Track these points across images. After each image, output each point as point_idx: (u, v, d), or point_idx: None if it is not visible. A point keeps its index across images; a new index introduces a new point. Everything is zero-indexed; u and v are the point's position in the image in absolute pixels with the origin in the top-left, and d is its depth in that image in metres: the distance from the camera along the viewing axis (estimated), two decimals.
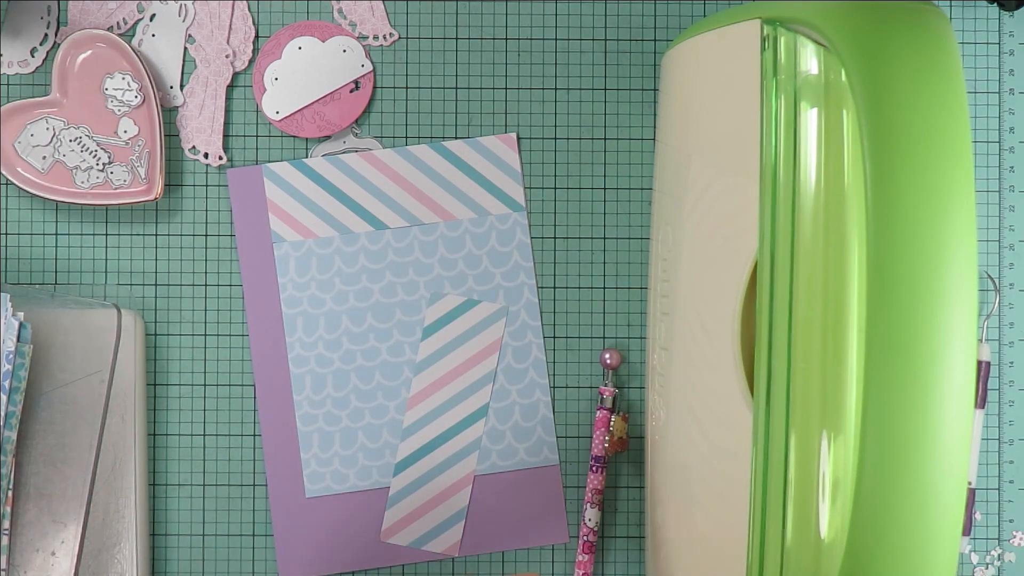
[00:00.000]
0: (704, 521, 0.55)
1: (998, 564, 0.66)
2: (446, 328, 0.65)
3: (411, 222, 0.65)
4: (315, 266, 0.65)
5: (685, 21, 0.66)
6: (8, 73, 0.66)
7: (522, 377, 0.65)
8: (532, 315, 0.65)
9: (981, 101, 0.66)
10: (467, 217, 0.65)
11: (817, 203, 0.49)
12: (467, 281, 0.65)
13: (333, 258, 0.65)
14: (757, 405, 0.51)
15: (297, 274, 0.65)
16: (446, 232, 0.65)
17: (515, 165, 0.66)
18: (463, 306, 0.64)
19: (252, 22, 0.66)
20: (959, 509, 0.47)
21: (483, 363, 0.65)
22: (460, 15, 0.66)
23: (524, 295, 0.65)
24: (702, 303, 0.56)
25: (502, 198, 0.65)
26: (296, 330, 0.65)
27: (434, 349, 0.65)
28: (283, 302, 0.65)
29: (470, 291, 0.65)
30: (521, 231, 0.66)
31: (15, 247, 0.65)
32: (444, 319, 0.65)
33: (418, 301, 0.65)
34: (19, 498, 0.59)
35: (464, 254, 0.65)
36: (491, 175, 0.65)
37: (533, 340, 0.65)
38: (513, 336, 0.65)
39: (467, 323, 0.65)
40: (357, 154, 0.65)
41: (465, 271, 0.65)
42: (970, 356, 0.47)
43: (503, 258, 0.65)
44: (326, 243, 0.65)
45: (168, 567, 0.65)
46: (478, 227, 0.65)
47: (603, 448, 0.64)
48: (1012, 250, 0.66)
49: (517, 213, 0.66)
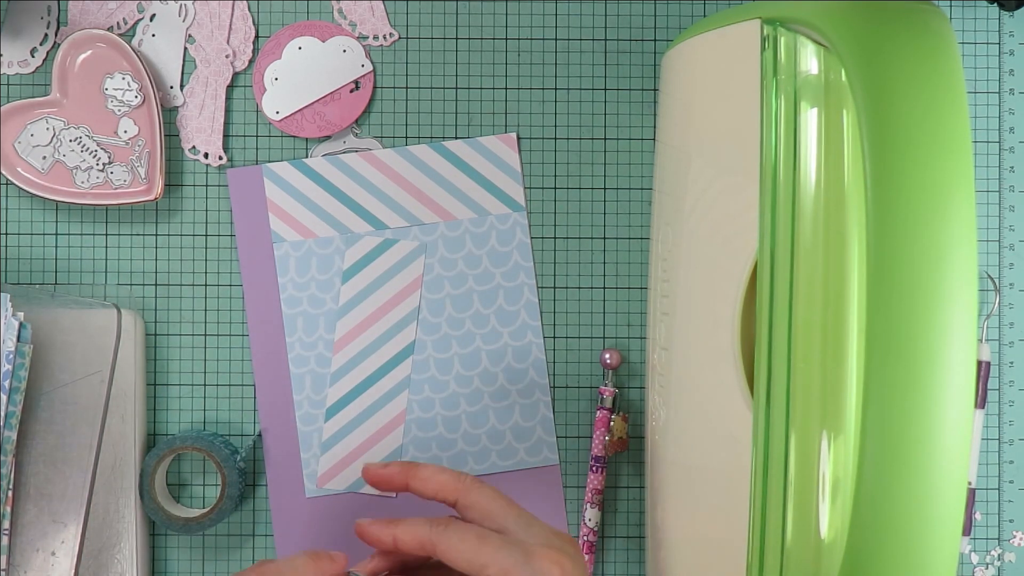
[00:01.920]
0: (704, 521, 0.55)
1: (998, 564, 0.66)
2: (365, 270, 0.65)
3: (411, 222, 0.65)
4: (315, 266, 0.65)
5: (685, 21, 0.66)
6: (8, 73, 0.66)
7: (522, 377, 0.65)
8: (532, 315, 0.65)
9: (981, 101, 0.66)
10: (467, 217, 0.66)
11: (817, 203, 0.49)
12: (467, 281, 0.65)
13: (333, 258, 0.65)
14: (757, 405, 0.51)
15: (297, 274, 0.65)
16: (446, 232, 0.65)
17: (515, 165, 0.66)
18: (381, 246, 0.64)
19: (252, 22, 0.66)
20: (959, 509, 0.47)
21: (405, 302, 0.64)
22: (460, 15, 0.66)
23: (524, 295, 0.65)
24: (702, 303, 0.56)
25: (502, 198, 0.65)
26: (296, 330, 0.65)
27: (355, 292, 0.65)
28: (283, 302, 0.65)
29: (470, 291, 0.65)
30: (521, 231, 0.66)
31: (15, 247, 0.65)
32: (362, 261, 0.64)
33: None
34: (19, 498, 0.59)
35: (464, 254, 0.65)
36: (491, 175, 0.65)
37: (533, 340, 0.65)
38: (513, 336, 0.65)
39: (386, 263, 0.64)
40: (357, 154, 0.65)
41: (465, 271, 0.65)
42: (970, 356, 0.47)
43: (503, 258, 0.65)
44: (326, 243, 0.65)
45: (168, 567, 0.65)
46: (478, 227, 0.65)
47: (603, 448, 0.64)
48: (1012, 250, 0.66)
49: (517, 213, 0.66)
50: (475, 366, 0.65)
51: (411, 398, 0.65)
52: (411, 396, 0.65)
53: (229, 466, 0.62)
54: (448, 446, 0.65)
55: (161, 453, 0.62)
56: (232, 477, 0.62)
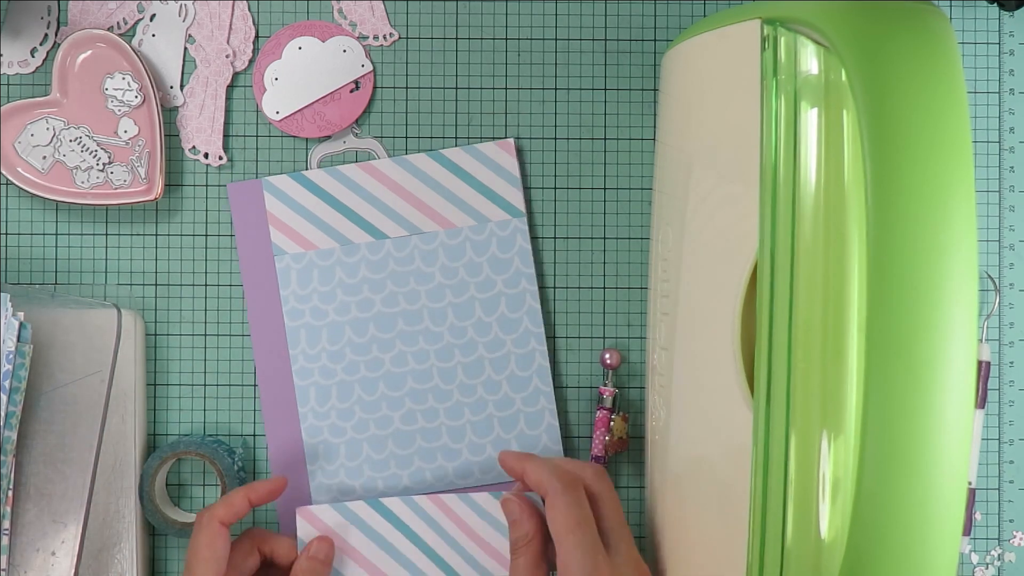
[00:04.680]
0: (704, 521, 0.55)
1: (998, 564, 0.66)
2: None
3: (411, 231, 0.65)
4: (317, 278, 0.65)
5: (685, 21, 0.66)
6: (8, 73, 0.66)
7: (526, 385, 0.65)
8: (535, 322, 0.65)
9: (981, 101, 0.66)
10: (467, 225, 0.65)
11: (817, 203, 0.49)
12: (468, 289, 0.65)
13: (334, 269, 0.65)
14: (757, 405, 0.51)
15: (299, 286, 0.65)
16: (446, 240, 0.65)
17: (514, 171, 0.65)
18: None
19: (252, 22, 0.66)
20: (959, 509, 0.47)
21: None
22: (460, 15, 0.66)
23: (526, 301, 0.65)
24: (702, 303, 0.56)
25: (502, 204, 0.65)
26: (299, 342, 0.65)
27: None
28: (285, 314, 0.65)
29: (472, 299, 0.65)
30: (521, 237, 0.65)
31: (15, 247, 0.65)
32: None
33: (420, 310, 0.65)
34: (19, 498, 0.59)
35: (465, 262, 0.65)
36: (490, 182, 0.65)
37: (536, 347, 0.65)
38: (516, 343, 0.65)
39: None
40: (356, 165, 0.65)
41: (466, 279, 0.65)
42: (970, 356, 0.47)
43: (504, 265, 0.65)
44: (327, 255, 0.65)
45: (168, 567, 0.65)
46: (478, 234, 0.65)
47: (603, 448, 0.64)
48: (1012, 250, 0.66)
49: (517, 219, 0.65)
50: (479, 374, 0.65)
51: (414, 408, 0.65)
52: (414, 406, 0.65)
53: (230, 475, 0.62)
54: (453, 456, 0.65)
55: (162, 457, 0.62)
56: (232, 486, 0.62)
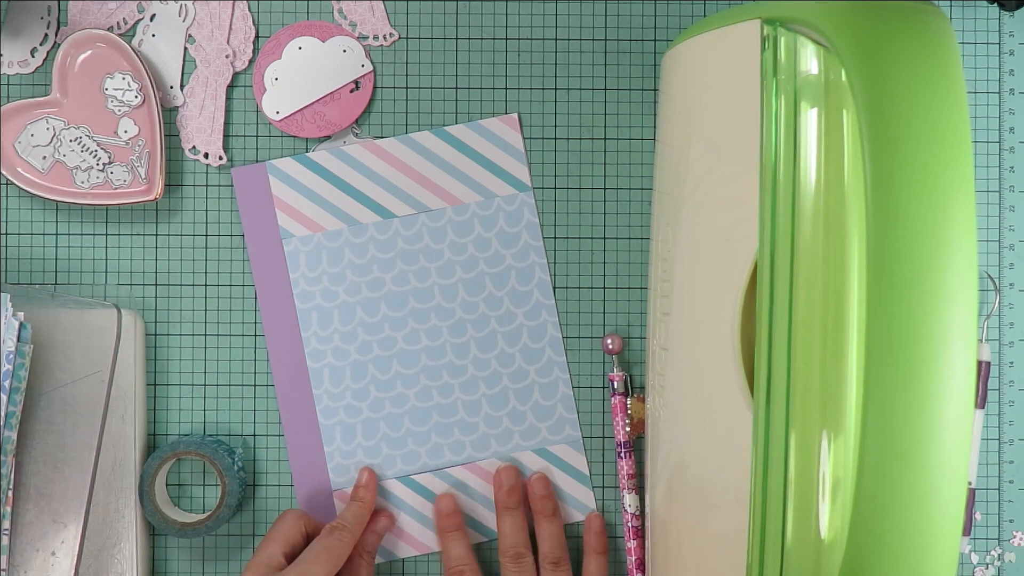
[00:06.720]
0: (704, 520, 0.55)
1: (998, 564, 0.66)
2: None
3: (418, 209, 0.66)
4: (325, 259, 0.65)
5: (685, 21, 0.66)
6: (8, 73, 0.66)
7: (539, 356, 0.65)
8: (545, 294, 0.65)
9: (981, 101, 0.66)
10: (474, 200, 0.66)
11: (817, 203, 0.49)
12: (478, 264, 0.65)
13: (343, 250, 0.65)
14: (757, 405, 0.51)
15: (308, 268, 0.65)
16: (454, 216, 0.65)
17: (518, 145, 0.66)
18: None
19: (252, 22, 0.66)
20: (959, 509, 0.47)
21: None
22: (460, 15, 0.66)
23: (536, 274, 0.66)
24: (702, 303, 0.56)
25: (507, 179, 0.65)
26: (311, 324, 0.65)
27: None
28: (296, 297, 0.65)
29: (481, 274, 0.65)
30: (529, 211, 0.66)
31: (15, 247, 0.65)
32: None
33: (430, 288, 0.65)
34: (19, 498, 0.59)
35: (473, 237, 0.65)
36: (495, 157, 0.66)
37: (548, 319, 0.66)
38: (528, 316, 0.65)
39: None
40: (360, 144, 0.65)
41: (475, 254, 0.65)
42: (970, 356, 0.47)
43: (512, 239, 0.65)
44: (335, 236, 0.65)
45: (168, 567, 0.65)
46: (485, 210, 0.66)
47: (625, 432, 0.64)
48: (1012, 250, 0.66)
49: (523, 193, 0.66)
50: (491, 348, 0.65)
51: (429, 384, 0.65)
52: (429, 382, 0.65)
53: (230, 475, 0.62)
54: (470, 430, 0.65)
55: (162, 457, 0.62)
56: (232, 486, 0.62)
